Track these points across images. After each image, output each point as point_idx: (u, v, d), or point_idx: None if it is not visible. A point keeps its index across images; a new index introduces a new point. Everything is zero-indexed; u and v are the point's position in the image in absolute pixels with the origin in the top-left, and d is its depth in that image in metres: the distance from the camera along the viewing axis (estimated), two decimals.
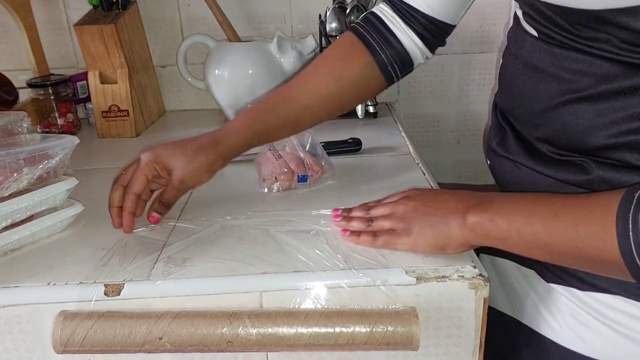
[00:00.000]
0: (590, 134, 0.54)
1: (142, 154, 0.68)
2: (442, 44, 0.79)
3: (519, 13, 0.63)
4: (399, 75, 0.79)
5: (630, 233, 0.45)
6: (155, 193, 0.72)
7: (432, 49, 0.78)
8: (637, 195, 0.46)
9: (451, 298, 0.57)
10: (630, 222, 0.45)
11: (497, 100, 0.71)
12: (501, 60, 0.71)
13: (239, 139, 0.70)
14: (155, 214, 0.69)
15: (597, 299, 0.59)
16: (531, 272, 0.67)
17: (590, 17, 0.49)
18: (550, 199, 0.53)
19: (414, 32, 0.75)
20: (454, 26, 0.76)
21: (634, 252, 0.45)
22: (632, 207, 0.45)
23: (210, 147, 0.69)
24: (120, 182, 0.69)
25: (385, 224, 0.62)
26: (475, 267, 0.58)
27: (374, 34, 0.76)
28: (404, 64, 0.77)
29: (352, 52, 0.76)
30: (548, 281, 0.64)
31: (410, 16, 0.74)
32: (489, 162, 0.73)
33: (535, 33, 0.58)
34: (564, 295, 0.62)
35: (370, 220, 0.63)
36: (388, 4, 0.76)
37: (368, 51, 0.76)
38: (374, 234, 0.62)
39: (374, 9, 0.78)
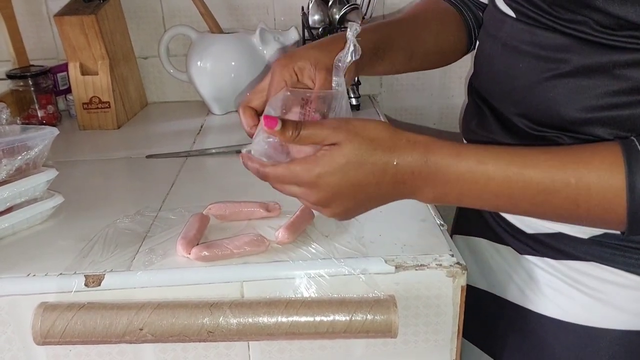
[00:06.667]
0: (567, 108, 0.55)
1: (273, 63, 0.61)
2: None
3: None
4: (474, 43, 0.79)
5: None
6: None
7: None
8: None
9: (429, 286, 0.58)
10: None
11: (474, 81, 0.72)
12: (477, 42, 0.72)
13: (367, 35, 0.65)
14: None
15: (571, 267, 0.61)
16: (504, 247, 0.68)
17: (572, 0, 0.51)
18: (529, 151, 0.50)
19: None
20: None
21: None
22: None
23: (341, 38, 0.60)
24: (247, 101, 0.60)
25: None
26: (453, 255, 0.59)
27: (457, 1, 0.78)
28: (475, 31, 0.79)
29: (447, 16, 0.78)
30: (522, 253, 0.66)
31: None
32: (466, 142, 0.73)
33: (512, 13, 0.60)
34: (537, 266, 0.64)
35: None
36: None
37: (457, 13, 0.78)
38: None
39: None
